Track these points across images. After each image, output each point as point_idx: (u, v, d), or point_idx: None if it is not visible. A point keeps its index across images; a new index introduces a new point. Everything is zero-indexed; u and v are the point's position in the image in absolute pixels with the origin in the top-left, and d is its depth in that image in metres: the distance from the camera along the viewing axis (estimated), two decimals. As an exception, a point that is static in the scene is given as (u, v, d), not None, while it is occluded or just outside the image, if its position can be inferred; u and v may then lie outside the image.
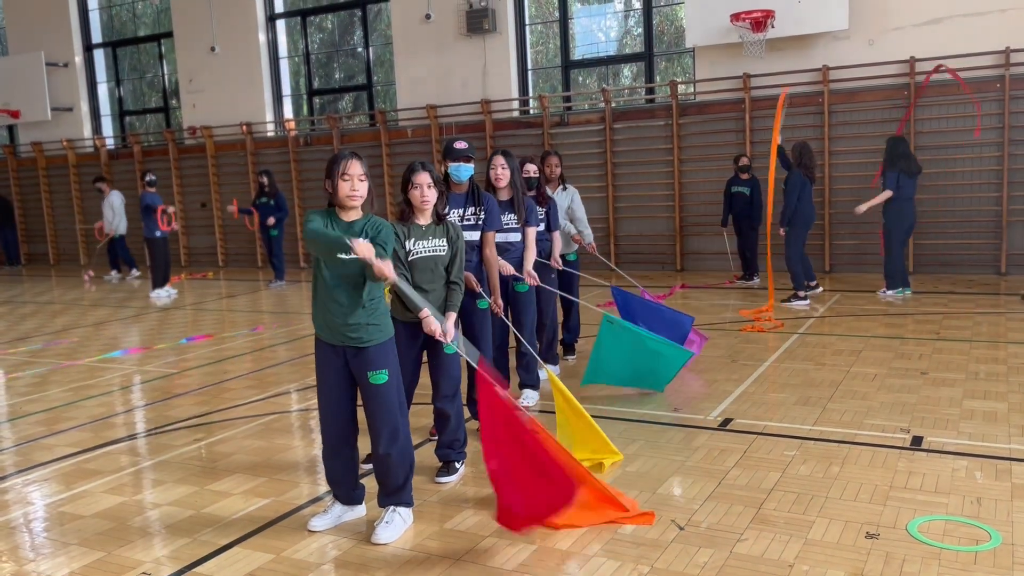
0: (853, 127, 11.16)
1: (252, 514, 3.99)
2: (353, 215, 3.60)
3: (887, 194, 8.85)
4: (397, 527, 3.68)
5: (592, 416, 4.50)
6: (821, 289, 9.68)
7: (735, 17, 10.78)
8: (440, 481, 4.31)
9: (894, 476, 4.08)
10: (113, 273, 14.65)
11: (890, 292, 9.17)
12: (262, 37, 15.23)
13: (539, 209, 5.85)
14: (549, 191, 6.39)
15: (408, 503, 3.77)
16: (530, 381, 5.63)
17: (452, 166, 4.67)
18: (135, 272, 14.59)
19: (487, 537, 3.63)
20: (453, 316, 4.17)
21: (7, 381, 7.23)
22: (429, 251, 4.17)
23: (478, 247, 4.76)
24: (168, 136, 16.07)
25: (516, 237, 5.34)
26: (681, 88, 12.17)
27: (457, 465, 4.41)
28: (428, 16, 13.48)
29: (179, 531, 3.83)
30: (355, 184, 3.51)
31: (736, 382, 5.95)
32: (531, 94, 13.39)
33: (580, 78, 13.61)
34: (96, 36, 17.37)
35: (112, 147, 17.20)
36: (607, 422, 5.13)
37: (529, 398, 5.61)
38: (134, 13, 17.32)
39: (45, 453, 5.10)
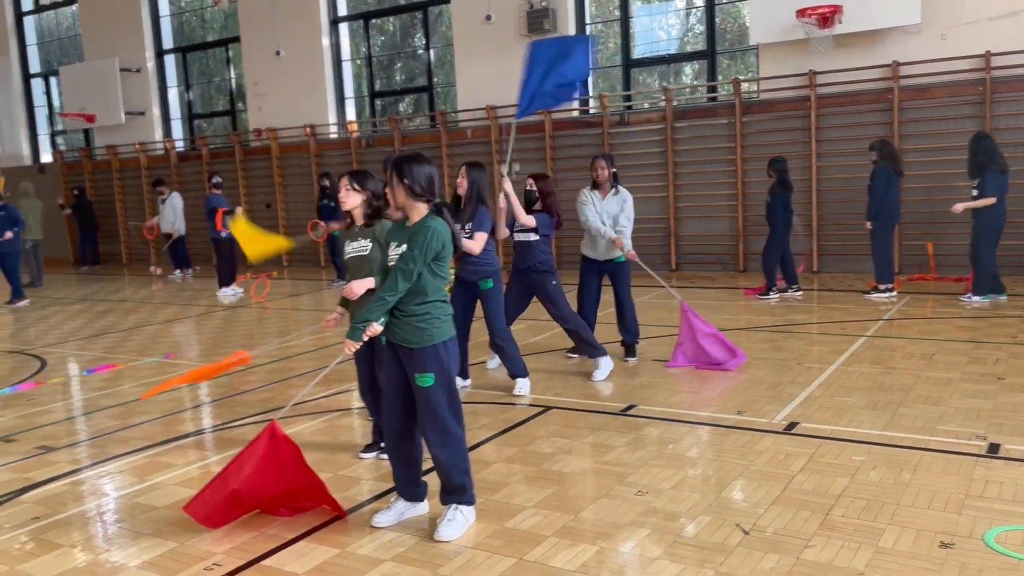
0: (924, 124, 10.83)
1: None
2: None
3: (990, 200, 8.39)
4: (459, 525, 3.70)
5: (651, 417, 4.46)
6: (895, 294, 9.39)
7: (801, 13, 10.56)
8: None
9: (970, 484, 3.95)
10: (177, 272, 15.04)
11: (976, 298, 8.64)
12: (325, 40, 15.48)
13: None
14: (599, 195, 6.75)
15: (469, 502, 3.79)
16: (516, 371, 5.98)
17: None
18: (189, 272, 15.04)
19: (548, 537, 3.62)
20: (368, 280, 4.33)
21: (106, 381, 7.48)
22: (356, 252, 4.49)
23: None
24: (234, 138, 16.46)
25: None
26: (744, 86, 11.98)
27: None
28: (488, 17, 13.53)
29: (247, 525, 3.91)
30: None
31: (801, 385, 5.82)
32: (591, 94, 13.34)
33: (640, 77, 13.50)
34: (167, 42, 17.89)
35: (181, 149, 17.69)
36: (668, 424, 5.08)
37: (522, 387, 5.94)
38: (203, 19, 17.79)
39: (120, 446, 5.26)
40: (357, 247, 4.50)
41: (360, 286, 4.32)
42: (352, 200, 4.45)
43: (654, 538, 3.56)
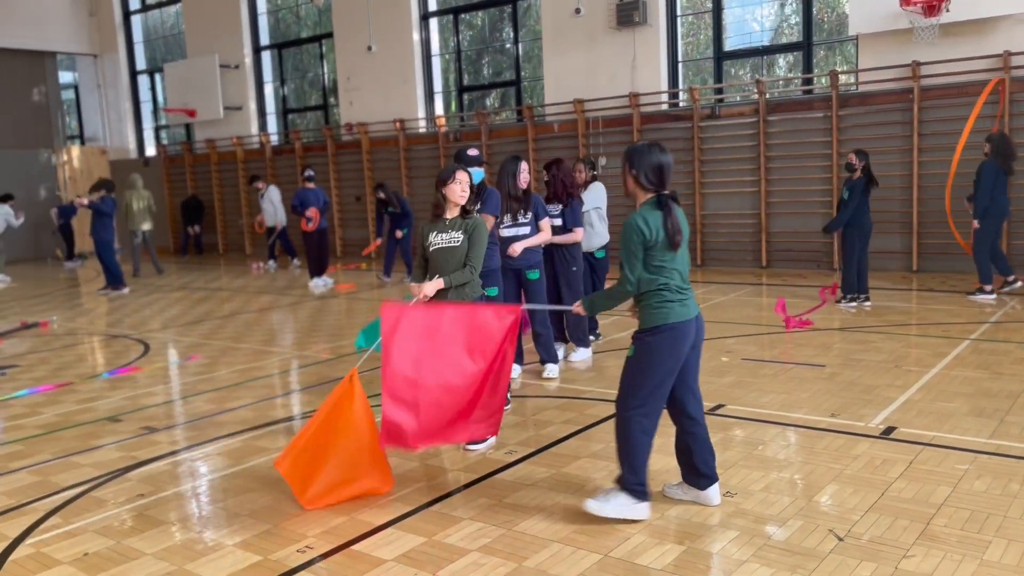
0: (1037, 117, 10.27)
1: (406, 496, 4.12)
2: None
3: None
4: (613, 507, 3.69)
5: (740, 417, 4.36)
6: (1020, 283, 9.02)
7: (905, 2, 10.12)
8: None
9: (1085, 498, 3.72)
10: (271, 263, 15.44)
11: None
12: (416, 36, 15.69)
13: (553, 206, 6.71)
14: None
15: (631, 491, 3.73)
16: (548, 357, 6.42)
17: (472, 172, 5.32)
18: (296, 262, 15.36)
19: (634, 535, 3.59)
20: (439, 281, 4.58)
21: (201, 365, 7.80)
22: (446, 243, 4.65)
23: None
24: (326, 132, 16.86)
25: (525, 231, 6.15)
26: (842, 78, 11.58)
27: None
28: (578, 10, 13.46)
29: (337, 510, 4.00)
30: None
31: (900, 388, 5.60)
32: (681, 86, 13.13)
33: (732, 70, 13.21)
34: (264, 39, 18.45)
35: (276, 143, 18.23)
36: (757, 424, 4.97)
37: (551, 371, 6.37)
38: (298, 16, 18.27)
39: (216, 429, 5.46)
40: (448, 239, 4.62)
41: (431, 288, 4.56)
42: (467, 195, 4.72)
43: (742, 540, 3.48)
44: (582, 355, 6.87)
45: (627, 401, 3.71)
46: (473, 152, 5.53)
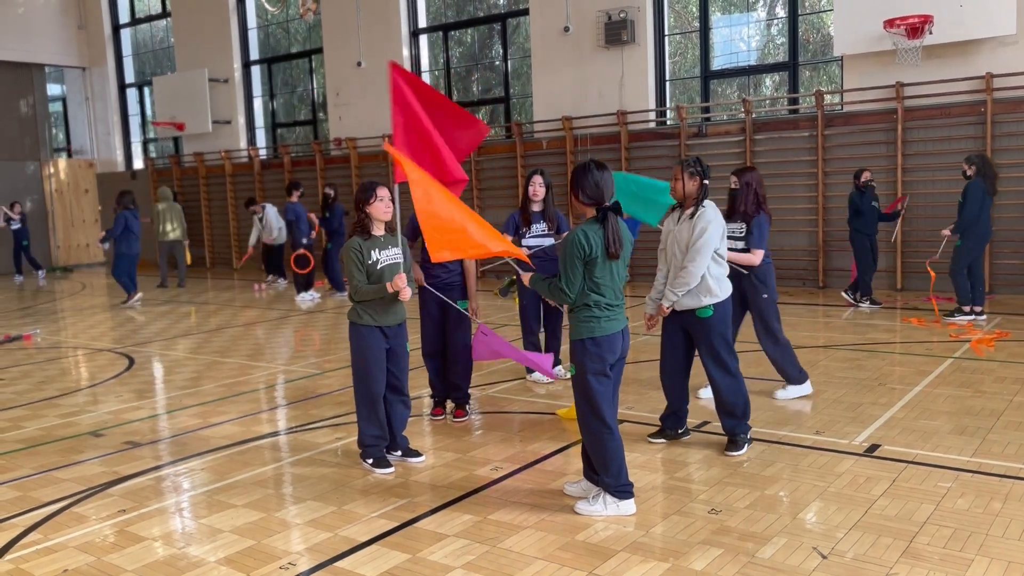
0: (1020, 139, 10.39)
1: (390, 513, 4.11)
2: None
3: None
4: (598, 506, 3.99)
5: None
6: (984, 317, 8.93)
7: (889, 23, 10.26)
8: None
9: (1066, 516, 3.75)
10: (280, 280, 15.00)
11: None
12: (405, 51, 15.75)
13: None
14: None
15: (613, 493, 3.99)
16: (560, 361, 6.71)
17: None
18: (282, 281, 15.03)
19: (619, 551, 3.58)
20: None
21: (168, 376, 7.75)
22: (392, 259, 4.75)
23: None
24: (315, 147, 16.87)
25: (549, 241, 6.49)
26: (827, 98, 11.70)
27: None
28: (567, 28, 13.56)
29: (320, 526, 3.98)
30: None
31: (884, 406, 5.63)
32: (668, 105, 13.22)
33: (719, 89, 13.33)
34: (254, 53, 18.47)
35: (264, 157, 18.21)
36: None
37: (559, 372, 6.57)
38: (288, 31, 18.31)
39: (200, 444, 5.42)
40: (390, 255, 4.77)
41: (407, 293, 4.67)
42: (391, 212, 4.82)
43: (727, 558, 3.48)
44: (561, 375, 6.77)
45: (588, 418, 4.00)
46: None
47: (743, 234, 5.68)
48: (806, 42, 12.57)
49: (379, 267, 4.68)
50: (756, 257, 5.65)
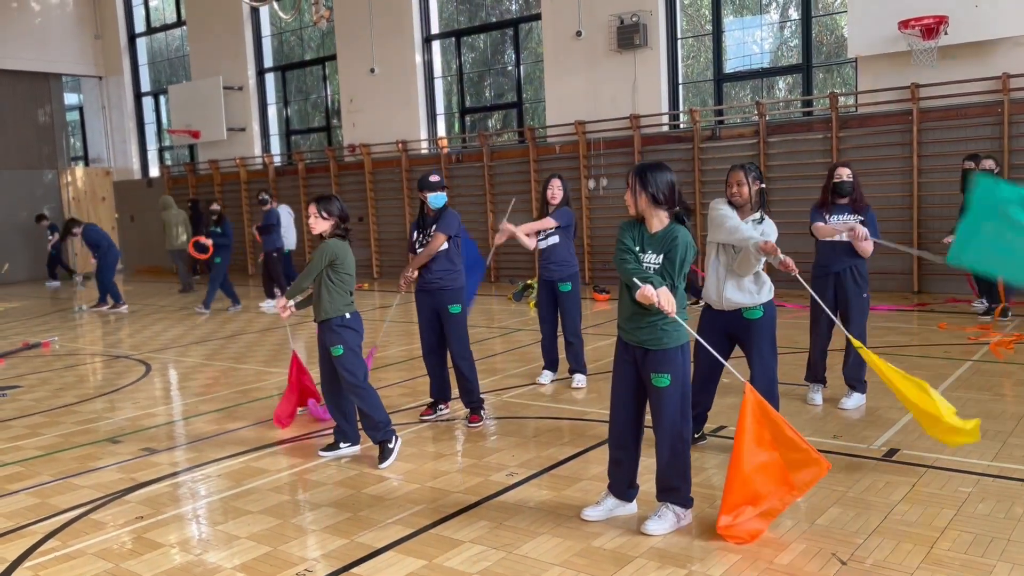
0: (1037, 139, 10.30)
1: (406, 519, 4.10)
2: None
3: None
4: (667, 522, 3.82)
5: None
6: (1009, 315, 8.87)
7: (904, 24, 10.20)
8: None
9: (1089, 522, 3.70)
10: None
11: None
12: (418, 58, 15.80)
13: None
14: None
15: (683, 504, 3.86)
16: (578, 368, 6.62)
17: (431, 196, 5.61)
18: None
19: (636, 558, 3.56)
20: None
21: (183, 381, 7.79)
22: None
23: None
24: (329, 154, 16.94)
25: (554, 240, 6.48)
26: (842, 100, 11.64)
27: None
28: (579, 33, 13.56)
29: (336, 532, 3.99)
30: None
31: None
32: (682, 108, 13.20)
33: (733, 91, 13.29)
34: (268, 61, 18.58)
35: (279, 164, 18.31)
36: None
37: (579, 381, 6.57)
38: (301, 39, 18.41)
39: (217, 450, 5.45)
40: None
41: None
42: (320, 226, 4.95)
43: (745, 564, 3.46)
44: (579, 382, 6.70)
45: (684, 424, 3.85)
46: (434, 178, 5.69)
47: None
48: (820, 44, 12.51)
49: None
50: (871, 247, 5.64)
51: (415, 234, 5.75)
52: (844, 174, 5.78)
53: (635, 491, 4.03)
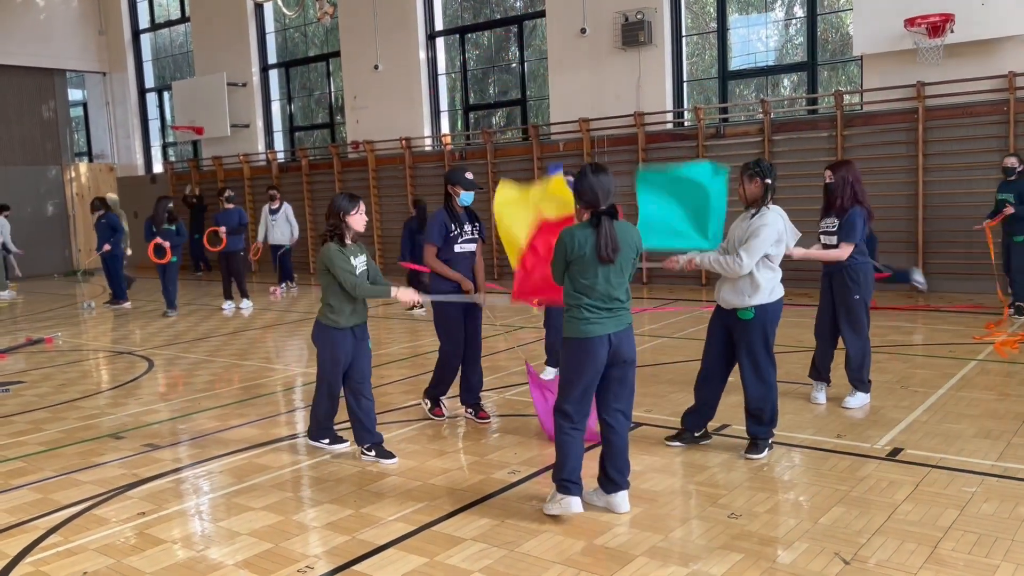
0: (1043, 137, 10.26)
1: (408, 516, 4.10)
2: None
3: None
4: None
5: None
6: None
7: (909, 22, 10.16)
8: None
9: (1094, 522, 3.68)
10: (293, 286, 14.82)
11: None
12: (422, 55, 15.78)
13: None
14: None
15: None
16: (553, 363, 6.63)
17: (464, 193, 5.53)
18: (293, 285, 14.93)
19: (638, 556, 3.56)
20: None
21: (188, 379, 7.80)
22: (362, 265, 4.95)
23: (473, 254, 5.65)
24: (333, 150, 16.93)
25: None
26: (847, 98, 11.60)
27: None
28: (583, 30, 13.53)
29: (338, 529, 3.98)
30: None
31: (906, 409, 5.56)
32: (686, 106, 13.17)
33: (737, 89, 13.25)
34: (271, 57, 18.57)
35: (282, 160, 18.30)
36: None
37: (549, 374, 6.51)
38: (305, 35, 18.39)
39: (219, 447, 5.44)
40: (361, 262, 4.95)
41: (407, 294, 4.99)
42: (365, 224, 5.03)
43: (747, 563, 3.45)
44: (549, 374, 6.61)
45: (558, 404, 4.01)
46: (471, 176, 5.63)
47: (835, 228, 5.56)
48: (825, 42, 12.47)
49: (357, 272, 4.88)
50: (844, 252, 5.50)
51: (452, 226, 5.51)
52: (826, 175, 5.78)
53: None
